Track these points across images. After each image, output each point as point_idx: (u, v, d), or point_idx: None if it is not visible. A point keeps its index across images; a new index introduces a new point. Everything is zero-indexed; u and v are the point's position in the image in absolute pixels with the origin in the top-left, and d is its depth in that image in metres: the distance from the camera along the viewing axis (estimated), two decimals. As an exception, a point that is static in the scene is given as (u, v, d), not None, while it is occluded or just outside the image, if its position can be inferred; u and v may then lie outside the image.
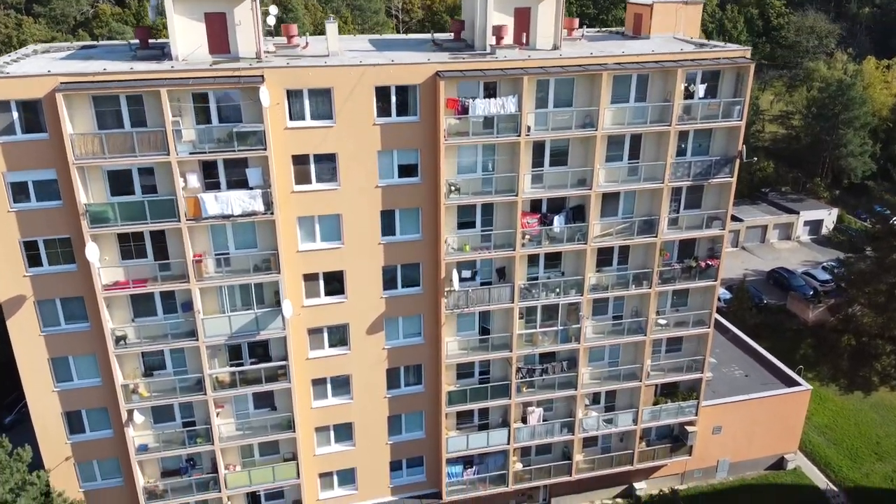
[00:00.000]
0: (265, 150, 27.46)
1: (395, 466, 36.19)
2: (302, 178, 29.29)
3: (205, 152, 27.13)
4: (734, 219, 64.30)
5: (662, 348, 37.12)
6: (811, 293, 58.92)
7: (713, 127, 32.37)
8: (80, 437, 31.24)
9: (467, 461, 36.80)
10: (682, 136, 32.47)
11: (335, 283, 31.52)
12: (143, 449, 31.41)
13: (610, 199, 33.09)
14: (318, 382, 33.18)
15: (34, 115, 25.93)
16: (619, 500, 40.75)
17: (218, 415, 31.75)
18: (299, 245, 30.30)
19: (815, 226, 72.22)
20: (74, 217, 27.15)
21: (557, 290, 33.71)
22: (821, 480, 42.61)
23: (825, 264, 64.56)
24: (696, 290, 36.14)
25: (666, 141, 31.80)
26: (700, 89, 31.40)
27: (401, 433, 35.49)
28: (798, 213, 71.37)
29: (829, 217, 72.20)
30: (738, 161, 32.97)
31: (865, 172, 75.83)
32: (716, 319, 38.87)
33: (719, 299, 36.67)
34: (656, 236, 33.52)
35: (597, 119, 30.49)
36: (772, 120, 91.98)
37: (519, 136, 29.91)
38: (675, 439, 39.44)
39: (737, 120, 32.25)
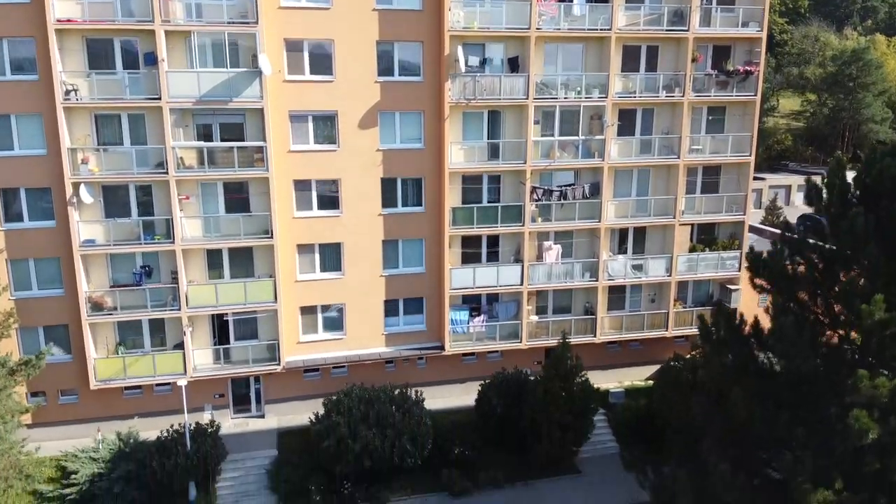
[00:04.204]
0: None
1: (390, 311, 30.77)
2: (288, -86, 26.10)
3: None
4: (756, 178, 60.11)
5: (698, 181, 32.41)
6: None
7: None
8: (16, 225, 26.36)
9: (474, 308, 31.41)
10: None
11: (322, 57, 27.60)
12: (89, 243, 26.49)
13: (634, -15, 29.70)
14: (302, 186, 28.55)
15: None
16: (650, 381, 34.73)
17: (182, 209, 27.03)
18: (281, 1, 26.67)
19: (841, 190, 68.10)
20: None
21: (578, 89, 29.61)
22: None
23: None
24: (734, 110, 31.96)
25: (695, -86, 28.76)
26: None
27: (398, 265, 30.39)
28: (823, 174, 67.40)
29: (856, 180, 68.24)
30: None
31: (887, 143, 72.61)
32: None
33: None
34: (687, 30, 29.79)
35: None
36: (785, 116, 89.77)
37: None
38: (717, 305, 33.98)
39: None
